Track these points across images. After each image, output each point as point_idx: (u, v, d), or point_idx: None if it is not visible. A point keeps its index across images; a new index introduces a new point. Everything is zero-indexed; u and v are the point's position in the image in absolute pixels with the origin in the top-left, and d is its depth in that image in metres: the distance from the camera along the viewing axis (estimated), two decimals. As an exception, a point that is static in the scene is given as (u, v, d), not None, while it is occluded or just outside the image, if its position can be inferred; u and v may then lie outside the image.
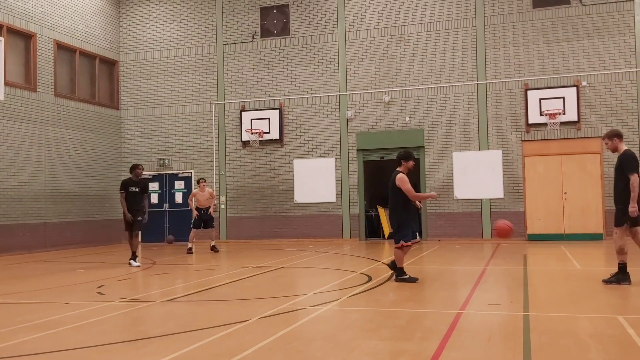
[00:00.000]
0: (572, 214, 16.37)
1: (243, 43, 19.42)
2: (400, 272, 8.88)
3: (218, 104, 19.57)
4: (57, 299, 8.07)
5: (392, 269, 9.15)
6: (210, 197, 15.48)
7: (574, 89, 16.35)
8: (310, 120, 18.64)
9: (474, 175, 17.12)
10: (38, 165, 16.95)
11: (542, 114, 16.42)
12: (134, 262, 12.02)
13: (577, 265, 10.87)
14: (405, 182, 8.70)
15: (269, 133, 18.74)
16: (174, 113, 20.01)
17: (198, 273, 11.37)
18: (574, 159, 16.45)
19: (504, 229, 9.07)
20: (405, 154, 9.05)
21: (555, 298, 7.60)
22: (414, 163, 9.23)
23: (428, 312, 6.71)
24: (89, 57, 19.29)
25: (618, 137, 8.35)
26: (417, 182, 18.32)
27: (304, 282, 10.17)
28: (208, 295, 8.28)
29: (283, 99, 18.90)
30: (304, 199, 18.54)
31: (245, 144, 19.15)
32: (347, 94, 18.29)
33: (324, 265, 11.93)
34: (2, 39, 14.11)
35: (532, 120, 16.62)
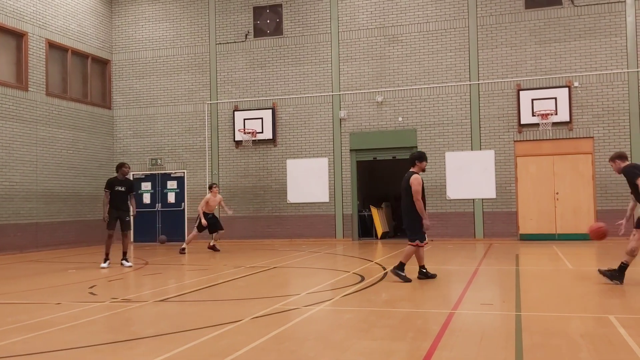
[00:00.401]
0: (564, 214, 16.45)
1: (236, 43, 19.40)
2: (401, 267, 8.92)
3: (211, 104, 19.53)
4: (48, 300, 8.03)
5: (423, 275, 9.12)
6: (220, 202, 15.54)
7: (566, 90, 16.43)
8: (303, 120, 18.64)
9: (467, 176, 17.17)
10: (29, 165, 16.87)
11: (534, 115, 16.48)
12: (106, 263, 12.06)
13: (568, 265, 10.92)
14: (418, 184, 8.85)
15: (262, 133, 18.72)
16: (167, 113, 19.96)
17: (191, 273, 11.34)
18: (566, 159, 16.52)
19: (600, 231, 8.96)
20: (419, 155, 9.18)
21: (547, 298, 7.63)
22: (427, 164, 9.36)
23: (421, 312, 6.72)
24: (81, 56, 19.21)
25: (619, 158, 8.57)
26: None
27: (297, 282, 10.17)
28: (200, 296, 8.26)
29: (276, 99, 18.89)
30: (297, 199, 18.53)
31: (238, 144, 19.12)
32: (340, 94, 18.30)
33: (317, 265, 11.92)
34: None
35: (524, 121, 16.68)
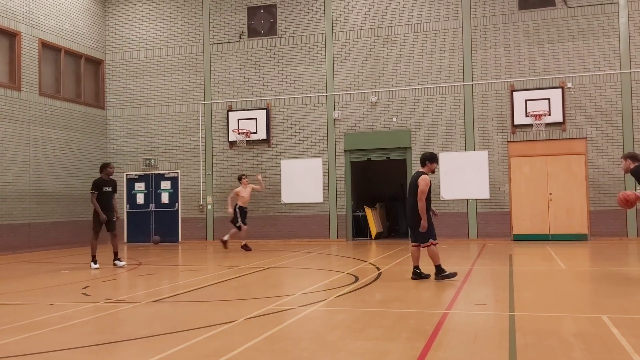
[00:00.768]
0: (557, 215, 16.50)
1: (230, 43, 19.38)
2: (440, 270, 8.93)
3: (205, 104, 19.50)
4: (41, 300, 8.00)
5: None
6: (251, 191, 15.54)
7: (559, 90, 16.49)
8: (298, 121, 18.64)
9: (461, 176, 17.21)
10: (22, 165, 16.79)
11: (527, 115, 16.54)
12: (96, 264, 11.98)
13: (562, 265, 10.96)
14: (426, 185, 8.81)
15: (256, 133, 18.70)
16: (160, 113, 19.91)
17: (184, 274, 11.32)
18: (559, 160, 16.59)
19: (629, 199, 8.73)
20: (431, 156, 9.14)
21: (541, 298, 7.66)
22: (437, 165, 9.32)
23: (414, 312, 6.73)
24: (75, 56, 19.14)
25: (632, 158, 8.70)
26: (404, 183, 18.42)
27: (291, 282, 10.16)
28: (194, 296, 8.24)
29: (270, 99, 18.88)
30: (291, 200, 18.53)
31: (232, 144, 19.10)
32: (334, 95, 18.31)
33: (311, 266, 11.92)
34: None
35: (517, 121, 16.73)
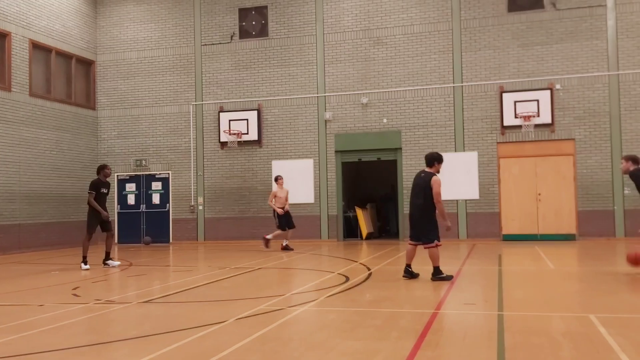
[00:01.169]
0: (546, 215, 16.62)
1: (221, 44, 19.37)
2: (437, 271, 9.02)
3: (196, 105, 19.49)
4: (31, 301, 7.98)
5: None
6: (287, 195, 15.40)
7: (548, 92, 16.61)
8: (289, 122, 18.66)
9: (450, 177, 17.20)
10: (12, 166, 16.71)
11: (516, 117, 16.64)
12: (85, 264, 11.88)
13: (550, 265, 11.05)
14: (439, 186, 8.92)
15: (247, 134, 18.71)
16: (152, 114, 19.88)
17: (175, 274, 11.32)
18: (548, 161, 16.70)
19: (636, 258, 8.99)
20: (439, 156, 9.24)
21: (529, 297, 7.72)
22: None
23: (404, 311, 6.78)
24: (65, 56, 19.07)
25: (633, 160, 8.91)
26: (395, 184, 18.49)
27: (282, 283, 10.19)
28: (185, 297, 8.25)
29: (261, 100, 18.89)
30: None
31: (224, 145, 19.09)
32: (325, 96, 18.35)
33: (302, 266, 11.96)
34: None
35: (507, 123, 16.84)
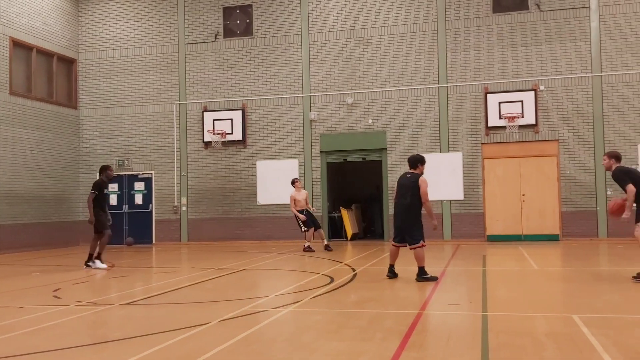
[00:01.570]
0: (530, 216, 16.72)
1: (205, 43, 19.26)
2: (422, 272, 9.05)
3: (179, 104, 19.35)
4: (11, 303, 7.86)
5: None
6: (306, 197, 15.19)
7: (532, 93, 16.72)
8: (274, 122, 18.59)
9: (435, 177, 17.19)
10: (-8, 166, 16.49)
11: (501, 117, 16.73)
12: (101, 263, 11.86)
13: (534, 266, 11.10)
14: (427, 186, 9.11)
15: (232, 134, 18.61)
16: (134, 113, 19.71)
17: (158, 276, 11.22)
18: (532, 162, 16.81)
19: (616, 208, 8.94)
20: (422, 158, 9.45)
21: (513, 298, 7.75)
22: None
23: (389, 312, 6.76)
24: (47, 55, 18.84)
25: (615, 158, 8.92)
26: (380, 184, 18.49)
27: (266, 284, 10.14)
28: (168, 298, 8.16)
29: (246, 100, 18.80)
30: (267, 201, 18.46)
31: (207, 145, 18.98)
32: (310, 96, 18.31)
33: (286, 267, 11.90)
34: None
35: (491, 123, 16.92)
